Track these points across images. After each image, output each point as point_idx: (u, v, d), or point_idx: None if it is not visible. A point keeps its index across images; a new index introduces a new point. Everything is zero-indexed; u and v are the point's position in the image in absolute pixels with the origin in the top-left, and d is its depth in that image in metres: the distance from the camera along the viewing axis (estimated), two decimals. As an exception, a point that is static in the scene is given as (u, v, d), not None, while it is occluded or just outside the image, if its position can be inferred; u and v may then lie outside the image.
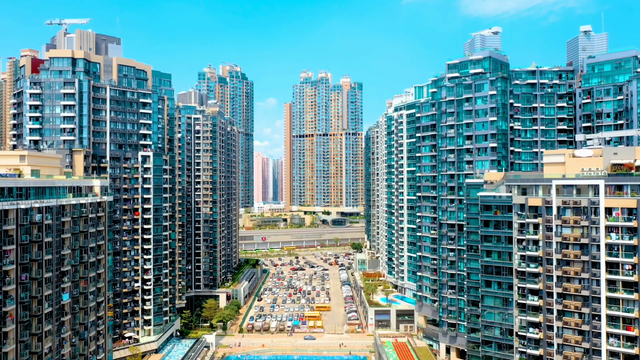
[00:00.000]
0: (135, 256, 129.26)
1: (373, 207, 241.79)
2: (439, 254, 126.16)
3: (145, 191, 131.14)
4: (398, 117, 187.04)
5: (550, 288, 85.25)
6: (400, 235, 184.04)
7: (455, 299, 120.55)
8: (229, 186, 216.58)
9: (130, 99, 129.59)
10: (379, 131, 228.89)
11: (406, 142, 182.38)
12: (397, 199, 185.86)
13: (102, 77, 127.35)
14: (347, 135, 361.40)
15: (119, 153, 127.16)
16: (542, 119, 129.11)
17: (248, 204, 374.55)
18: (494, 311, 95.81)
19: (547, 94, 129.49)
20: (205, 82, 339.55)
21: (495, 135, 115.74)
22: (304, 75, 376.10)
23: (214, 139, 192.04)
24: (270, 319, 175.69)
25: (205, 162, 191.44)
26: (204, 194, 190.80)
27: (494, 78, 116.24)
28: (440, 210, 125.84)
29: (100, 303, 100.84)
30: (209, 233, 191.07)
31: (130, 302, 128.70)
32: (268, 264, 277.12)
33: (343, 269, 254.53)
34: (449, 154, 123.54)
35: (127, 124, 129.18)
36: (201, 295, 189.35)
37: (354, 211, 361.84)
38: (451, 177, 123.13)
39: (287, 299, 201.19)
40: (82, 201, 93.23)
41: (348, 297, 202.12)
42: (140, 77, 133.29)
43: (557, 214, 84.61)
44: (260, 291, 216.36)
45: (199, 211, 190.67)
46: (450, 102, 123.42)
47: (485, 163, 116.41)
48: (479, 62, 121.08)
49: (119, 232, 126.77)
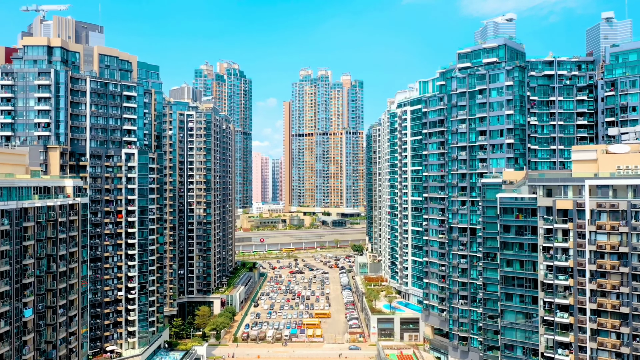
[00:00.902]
0: (119, 262, 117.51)
1: (375, 208, 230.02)
2: (449, 261, 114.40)
3: (130, 192, 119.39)
4: (402, 114, 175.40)
5: (582, 304, 73.46)
6: (404, 238, 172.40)
7: (467, 310, 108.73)
8: (225, 186, 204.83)
9: (113, 92, 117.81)
10: (381, 129, 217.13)
11: (410, 140, 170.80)
12: (401, 200, 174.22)
13: (81, 68, 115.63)
14: (348, 134, 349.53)
15: (100, 150, 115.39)
16: (560, 114, 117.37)
17: (246, 205, 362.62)
18: (515, 327, 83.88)
19: (565, 87, 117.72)
20: (202, 79, 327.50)
21: (511, 131, 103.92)
22: (303, 73, 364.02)
23: (208, 136, 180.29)
24: (267, 327, 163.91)
25: (198, 161, 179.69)
26: (197, 194, 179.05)
27: (511, 67, 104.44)
28: (450, 213, 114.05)
29: (72, 317, 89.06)
30: (203, 236, 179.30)
31: (113, 313, 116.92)
32: (266, 266, 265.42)
33: (343, 272, 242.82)
34: (460, 151, 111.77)
35: (110, 119, 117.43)
36: (194, 301, 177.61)
37: (354, 212, 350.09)
38: (462, 177, 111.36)
39: (285, 305, 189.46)
40: (49, 203, 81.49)
41: (349, 302, 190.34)
42: (124, 69, 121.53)
43: (590, 219, 72.83)
44: (257, 296, 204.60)
45: (192, 213, 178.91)
46: (461, 94, 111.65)
47: (501, 161, 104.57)
48: (493, 50, 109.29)
49: (101, 237, 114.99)
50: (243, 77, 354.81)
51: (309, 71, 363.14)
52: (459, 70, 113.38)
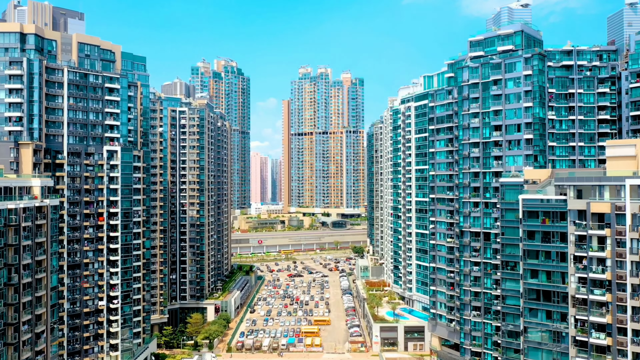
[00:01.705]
0: (100, 269, 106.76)
1: (376, 209, 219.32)
2: (460, 268, 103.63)
3: (112, 192, 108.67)
4: (405, 110, 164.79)
5: (622, 322, 62.73)
6: (407, 241, 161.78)
7: (480, 322, 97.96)
8: (220, 187, 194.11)
9: (94, 84, 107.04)
10: (383, 127, 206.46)
11: (414, 138, 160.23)
12: (404, 201, 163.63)
13: (59, 57, 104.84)
14: (348, 133, 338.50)
15: (79, 147, 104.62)
16: (580, 108, 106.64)
17: (244, 205, 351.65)
18: (541, 348, 72.98)
19: (585, 78, 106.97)
20: (199, 77, 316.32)
21: (530, 125, 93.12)
22: (302, 70, 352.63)
23: (202, 134, 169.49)
24: (263, 335, 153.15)
25: (191, 160, 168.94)
26: (190, 195, 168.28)
27: (529, 55, 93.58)
28: (460, 216, 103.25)
29: (40, 334, 78.33)
30: (196, 239, 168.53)
31: (94, 324, 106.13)
32: (264, 269, 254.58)
33: (344, 276, 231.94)
34: (472, 148, 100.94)
35: (90, 113, 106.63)
36: (187, 307, 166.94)
37: (355, 213, 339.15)
38: (475, 176, 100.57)
39: (282, 311, 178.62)
40: (10, 206, 70.73)
41: (350, 308, 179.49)
42: (106, 59, 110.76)
43: (632, 224, 62.10)
44: (253, 301, 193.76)
45: (184, 214, 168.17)
46: (474, 85, 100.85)
47: (518, 158, 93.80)
48: (509, 37, 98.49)
49: (80, 242, 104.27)
50: (241, 75, 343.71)
51: (309, 69, 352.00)
52: (470, 60, 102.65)
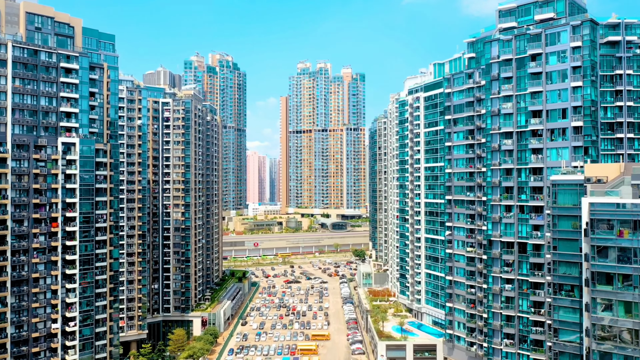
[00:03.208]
0: (53, 285, 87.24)
1: (379, 211, 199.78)
2: (488, 285, 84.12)
3: (69, 193, 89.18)
4: (413, 102, 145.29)
5: None
6: (416, 247, 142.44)
7: (514, 353, 78.43)
8: (209, 186, 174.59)
9: (46, 63, 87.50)
10: (388, 121, 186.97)
11: (424, 132, 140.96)
12: (412, 203, 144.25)
13: (2, 30, 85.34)
14: (349, 130, 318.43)
15: (27, 138, 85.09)
16: (629, 92, 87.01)
17: (240, 206, 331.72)
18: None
19: (635, 57, 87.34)
20: (192, 71, 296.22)
21: (579, 109, 73.58)
22: (301, 65, 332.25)
23: (188, 128, 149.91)
24: (255, 352, 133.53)
25: (176, 157, 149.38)
26: (174, 195, 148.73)
27: (578, 23, 74.01)
28: (489, 222, 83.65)
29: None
30: (181, 244, 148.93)
31: (45, 351, 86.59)
32: (259, 274, 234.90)
33: (344, 282, 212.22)
34: (504, 139, 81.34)
35: (41, 98, 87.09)
36: (171, 320, 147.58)
37: (355, 214, 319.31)
38: (507, 173, 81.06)
39: (277, 323, 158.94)
40: None
41: (351, 320, 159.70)
42: (62, 33, 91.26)
43: None
44: (245, 311, 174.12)
45: (168, 217, 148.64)
46: (505, 63, 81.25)
47: (564, 151, 74.22)
48: (549, 3, 78.95)
49: (27, 252, 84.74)
50: (237, 70, 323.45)
51: (307, 64, 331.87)
52: (500, 32, 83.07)
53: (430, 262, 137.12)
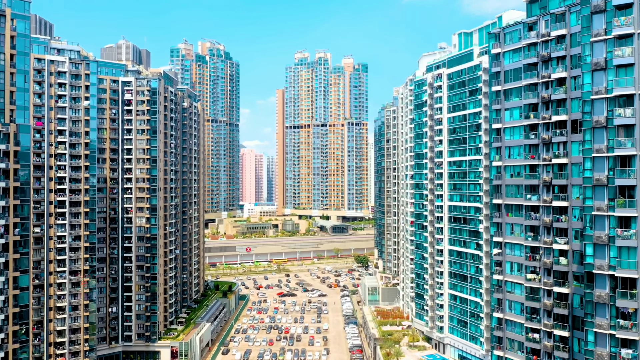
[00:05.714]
0: None
1: (388, 215, 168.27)
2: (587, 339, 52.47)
3: (-62, 195, 57.71)
4: (433, 80, 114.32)
5: None
6: (437, 262, 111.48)
7: None
8: (186, 185, 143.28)
9: None
10: (399, 108, 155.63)
11: (447, 118, 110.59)
12: (432, 206, 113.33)
13: None
14: (350, 125, 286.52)
15: None
16: None
17: (233, 207, 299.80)
18: None
19: None
20: (180, 59, 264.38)
21: None
22: (299, 55, 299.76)
23: (154, 113, 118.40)
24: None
25: (139, 150, 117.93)
26: (137, 197, 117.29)
27: None
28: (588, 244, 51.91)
29: None
30: (145, 257, 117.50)
31: None
32: (250, 285, 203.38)
33: (346, 295, 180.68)
34: (617, 109, 49.55)
35: None
36: (132, 351, 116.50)
37: (357, 215, 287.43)
38: (623, 164, 49.38)
39: (266, 351, 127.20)
40: None
41: (355, 348, 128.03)
42: None
43: None
44: (229, 335, 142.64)
45: (130, 223, 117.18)
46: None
47: None
48: None
49: None
50: (229, 60, 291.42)
51: (306, 54, 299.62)
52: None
53: (457, 281, 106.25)
